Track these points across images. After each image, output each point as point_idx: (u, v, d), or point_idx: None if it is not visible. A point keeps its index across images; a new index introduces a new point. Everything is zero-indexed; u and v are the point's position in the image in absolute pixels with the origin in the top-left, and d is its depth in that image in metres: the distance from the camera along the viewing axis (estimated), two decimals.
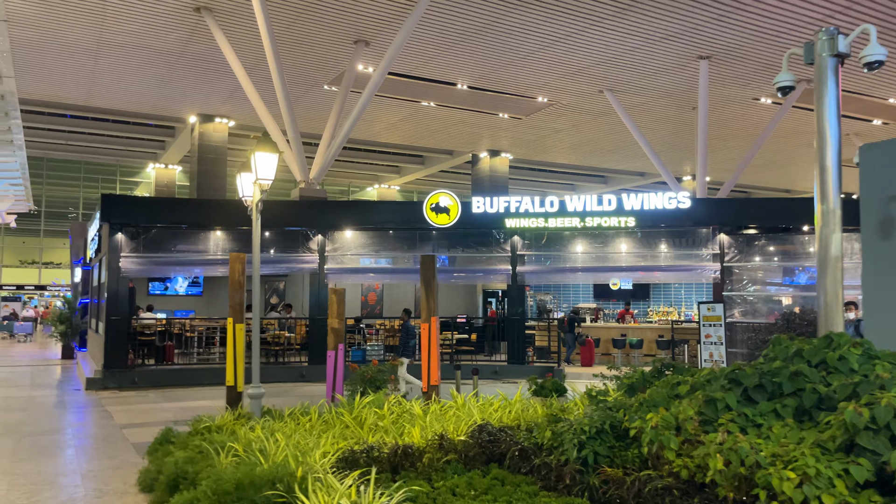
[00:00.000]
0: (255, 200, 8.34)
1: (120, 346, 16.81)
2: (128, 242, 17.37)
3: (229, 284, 8.93)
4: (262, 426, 7.05)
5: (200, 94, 22.98)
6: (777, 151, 28.11)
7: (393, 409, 7.60)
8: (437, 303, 24.46)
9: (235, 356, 8.70)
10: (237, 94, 22.36)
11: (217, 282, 27.02)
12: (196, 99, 23.48)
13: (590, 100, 22.61)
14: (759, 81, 20.74)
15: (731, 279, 17.93)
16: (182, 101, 23.74)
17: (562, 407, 6.10)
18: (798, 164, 32.38)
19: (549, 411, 5.92)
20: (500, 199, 18.57)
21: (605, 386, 8.86)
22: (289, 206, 19.09)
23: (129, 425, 11.16)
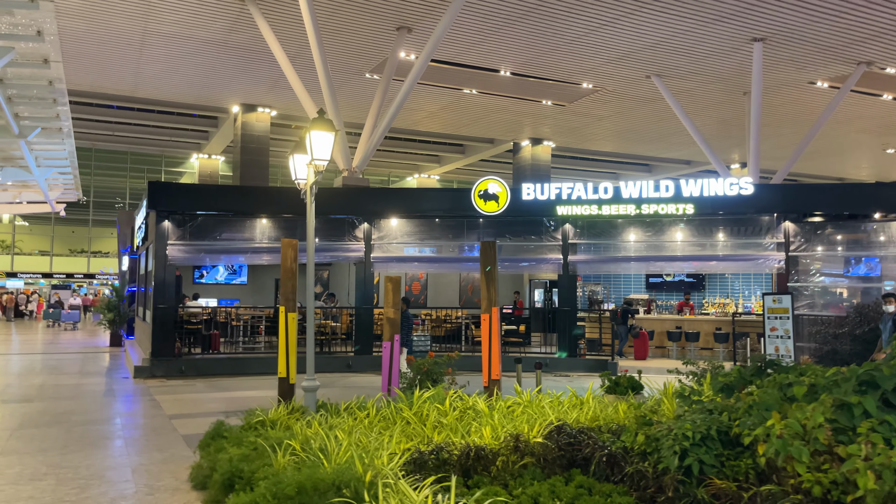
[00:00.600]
0: (310, 183, 7.93)
1: (167, 334, 16.69)
2: (174, 230, 17.22)
3: (281, 271, 8.55)
4: (318, 421, 6.64)
5: (243, 84, 22.81)
6: (830, 138, 26.84)
7: (455, 404, 7.13)
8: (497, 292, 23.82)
9: (288, 347, 8.32)
10: (279, 83, 22.13)
11: (261, 270, 26.95)
12: (239, 88, 23.34)
13: (636, 85, 21.80)
14: (815, 64, 19.68)
15: (797, 270, 17.02)
16: (225, 90, 23.62)
17: (651, 408, 5.55)
18: (852, 152, 30.97)
19: (636, 412, 5.38)
20: (551, 185, 17.94)
21: (679, 383, 8.26)
22: (335, 194, 18.74)
23: (178, 416, 10.92)
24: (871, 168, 34.34)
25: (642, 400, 7.14)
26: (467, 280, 25.16)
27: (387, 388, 8.33)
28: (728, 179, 17.16)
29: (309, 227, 8.16)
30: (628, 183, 17.69)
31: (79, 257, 55.59)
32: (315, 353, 18.40)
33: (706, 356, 19.47)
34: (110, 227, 49.13)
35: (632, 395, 7.27)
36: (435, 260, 19.60)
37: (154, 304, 16.79)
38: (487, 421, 6.16)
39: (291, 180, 8.54)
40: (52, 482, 6.84)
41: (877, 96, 21.96)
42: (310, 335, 8.09)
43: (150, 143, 34.45)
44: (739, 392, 5.12)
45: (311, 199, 7.98)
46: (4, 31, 10.50)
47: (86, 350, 22.95)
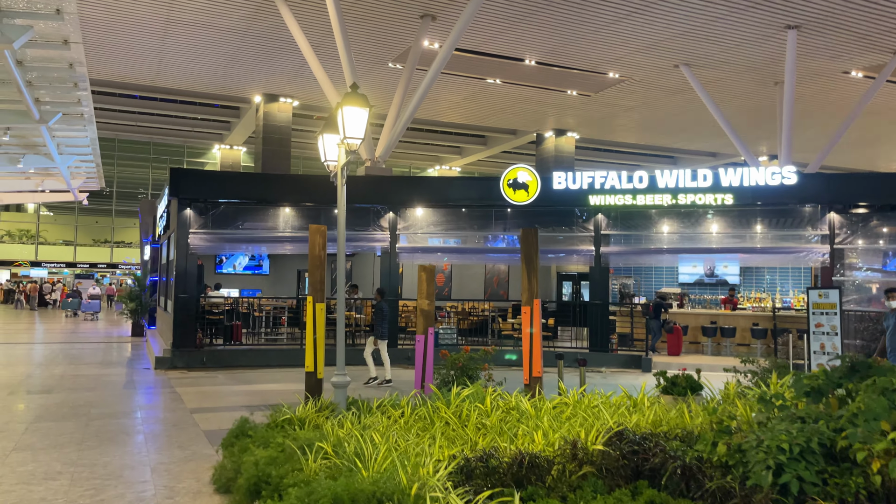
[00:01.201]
0: (341, 164, 7.41)
1: (188, 325, 16.33)
2: (196, 218, 16.83)
3: (309, 260, 8.06)
4: (350, 421, 6.14)
5: (265, 74, 22.40)
6: (862, 129, 25.88)
7: (497, 403, 6.60)
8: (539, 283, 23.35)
9: (316, 340, 7.83)
10: (301, 72, 21.71)
11: (283, 261, 26.63)
12: (261, 78, 22.93)
13: (664, 75, 21.09)
14: (850, 53, 18.85)
15: (842, 263, 16.26)
16: (247, 80, 23.22)
17: (728, 413, 4.98)
18: (884, 142, 29.95)
19: (711, 417, 4.81)
20: (584, 174, 17.31)
21: (737, 381, 7.67)
22: (360, 182, 18.24)
23: (200, 409, 10.51)
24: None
25: (702, 402, 6.56)
26: (493, 272, 24.60)
27: (420, 385, 7.81)
28: (770, 168, 16.41)
29: (340, 212, 7.65)
30: (664, 172, 17.00)
31: (102, 247, 55.80)
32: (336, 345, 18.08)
33: (742, 353, 18.81)
34: (133, 218, 49.16)
35: (691, 396, 6.69)
36: (461, 251, 19.05)
37: (175, 293, 16.43)
38: (535, 424, 5.62)
39: (313, 171, 8.10)
40: (65, 482, 6.42)
41: None
42: (340, 328, 7.59)
43: (172, 134, 34.27)
44: (831, 396, 4.53)
45: (342, 182, 7.46)
46: (23, 10, 10.10)
47: (107, 340, 22.73)
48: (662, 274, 23.19)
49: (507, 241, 19.60)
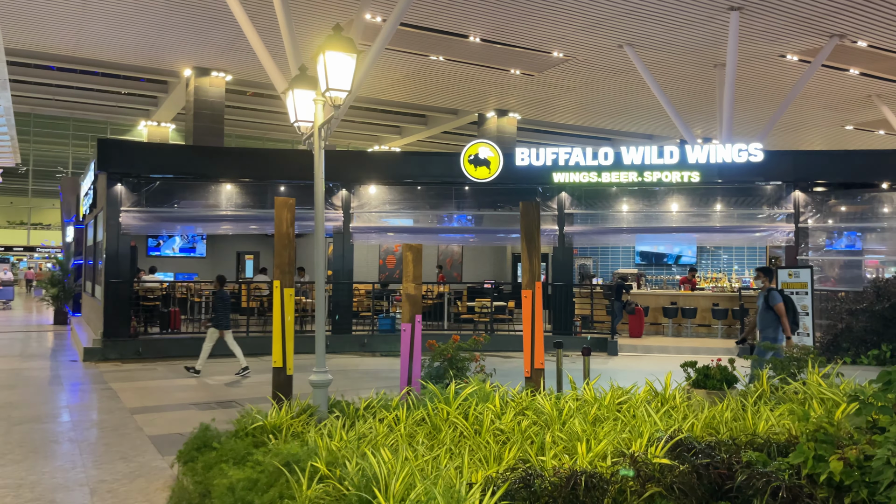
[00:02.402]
0: (318, 124, 6.32)
1: (121, 311, 14.88)
2: (128, 195, 15.30)
3: (276, 238, 6.95)
4: (341, 429, 5.13)
5: (196, 45, 20.67)
6: (793, 113, 26.06)
7: (506, 402, 5.70)
8: (495, 265, 22.36)
9: (285, 331, 6.75)
10: (236, 45, 20.16)
11: (221, 242, 25.03)
12: (191, 50, 21.17)
13: (608, 55, 20.63)
14: (788, 36, 18.72)
15: (807, 242, 16.07)
16: (176, 52, 21.41)
17: (827, 418, 4.23)
18: (811, 127, 30.41)
19: (805, 425, 4.03)
20: (548, 150, 16.57)
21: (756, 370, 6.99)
22: (310, 157, 16.98)
23: (142, 409, 9.26)
24: (825, 145, 33.95)
25: (735, 394, 5.83)
26: (445, 254, 23.73)
27: (407, 381, 6.85)
28: (736, 145, 16.03)
29: (317, 182, 6.57)
30: (630, 148, 16.42)
31: (18, 229, 52.25)
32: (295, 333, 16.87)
33: (703, 333, 18.57)
34: (52, 198, 46.01)
35: (727, 389, 5.97)
36: (420, 231, 18.05)
37: (106, 277, 14.91)
38: (565, 429, 4.76)
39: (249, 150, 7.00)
40: None
41: (843, 71, 21.28)
42: (319, 316, 6.52)
43: (94, 109, 31.80)
44: None
45: (319, 146, 6.37)
46: None
47: (26, 329, 20.83)
48: (619, 254, 22.80)
49: (460, 222, 18.74)
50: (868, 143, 31.44)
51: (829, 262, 16.91)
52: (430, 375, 7.22)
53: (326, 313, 17.49)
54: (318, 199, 6.61)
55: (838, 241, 18.47)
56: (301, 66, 6.55)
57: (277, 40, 18.53)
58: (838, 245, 18.54)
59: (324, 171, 6.57)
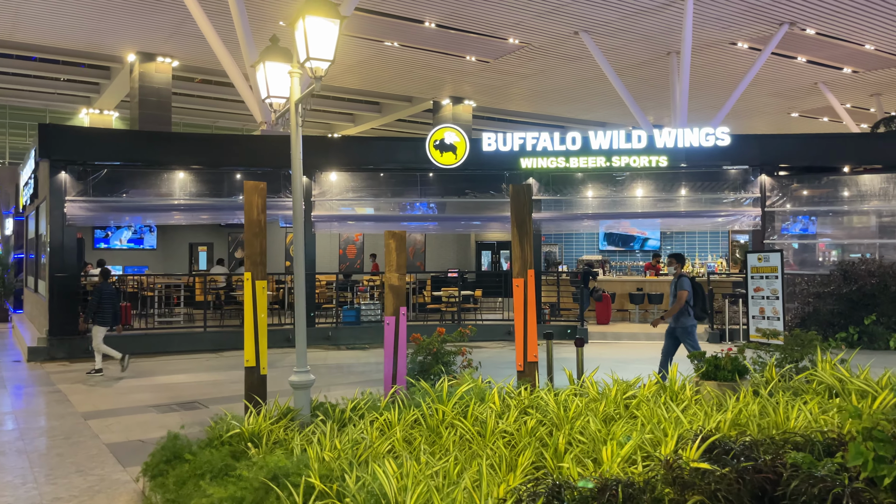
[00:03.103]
0: (295, 99, 5.75)
1: (68, 308, 13.99)
2: (73, 184, 14.38)
3: (245, 226, 6.38)
4: (328, 435, 4.63)
5: (140, 29, 19.61)
6: (741, 100, 26.37)
7: (508, 400, 5.28)
8: (459, 253, 21.75)
9: (257, 327, 6.20)
10: (182, 29, 19.22)
11: (172, 233, 24.02)
12: (135, 35, 20.08)
13: (564, 42, 20.49)
14: (739, 24, 18.83)
15: (773, 226, 16.09)
16: (119, 36, 20.29)
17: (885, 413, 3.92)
18: (758, 115, 30.93)
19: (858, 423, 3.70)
20: (515, 135, 16.20)
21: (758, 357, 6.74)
22: (268, 142, 16.28)
23: (96, 414, 8.57)
24: (771, 132, 34.60)
25: (747, 385, 5.53)
26: (408, 242, 23.20)
27: (391, 377, 6.36)
28: (703, 129, 15.93)
29: (295, 166, 5.98)
30: (598, 133, 16.16)
31: None
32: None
33: None
34: None
35: (738, 380, 5.66)
36: (384, 219, 17.49)
37: (51, 272, 13.99)
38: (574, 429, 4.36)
39: (203, 136, 6.42)
40: None
41: (791, 59, 21.54)
42: (300, 311, 5.96)
43: (32, 97, 30.12)
44: None
45: (297, 123, 5.80)
46: None
47: None
48: (583, 241, 22.63)
49: (422, 209, 18.26)
50: (812, 130, 32.04)
51: (791, 245, 17.01)
52: (414, 371, 6.76)
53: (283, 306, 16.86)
54: (297, 184, 6.06)
55: (793, 226, 18.63)
56: (272, 37, 5.96)
57: (227, 24, 17.77)
58: (793, 230, 18.71)
59: (301, 153, 5.99)
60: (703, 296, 9.56)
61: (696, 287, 9.44)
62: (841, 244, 17.01)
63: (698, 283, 9.64)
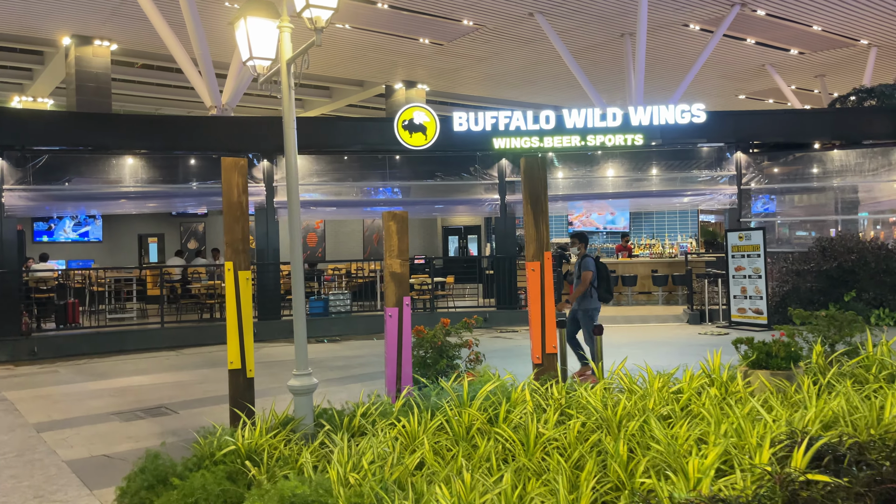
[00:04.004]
0: (287, 58, 4.95)
1: (10, 306, 12.88)
2: (12, 171, 13.19)
3: (225, 209, 5.58)
4: (349, 453, 3.93)
5: (75, 11, 18.21)
6: (692, 83, 26.40)
7: (538, 399, 4.66)
8: (425, 238, 21.06)
9: (241, 321, 5.42)
10: (121, 10, 17.94)
11: (118, 224, 22.72)
12: (70, 16, 18.64)
13: (518, 24, 19.99)
14: (692, 4, 18.61)
15: (748, 204, 15.88)
16: (53, 18, 18.81)
17: None
18: (707, 97, 31.02)
19: None
20: (487, 114, 15.56)
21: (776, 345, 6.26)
22: (227, 124, 15.28)
23: (50, 425, 7.65)
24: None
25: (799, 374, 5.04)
26: (372, 229, 22.43)
27: (395, 376, 5.67)
28: (679, 107, 15.56)
29: (288, 141, 5.21)
30: (572, 111, 15.64)
31: None
32: (204, 320, 15.21)
33: (644, 301, 18.26)
34: None
35: (795, 370, 5.16)
36: (351, 204, 16.70)
37: None
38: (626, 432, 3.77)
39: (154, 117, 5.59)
40: None
41: (741, 40, 21.55)
42: (298, 304, 5.19)
43: None
44: None
45: (289, 85, 5.01)
46: None
47: None
48: (552, 223, 22.20)
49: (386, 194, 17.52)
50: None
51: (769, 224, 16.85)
52: (417, 367, 6.09)
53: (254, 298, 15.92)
54: (290, 159, 5.29)
55: (755, 204, 18.52)
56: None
57: (172, 4, 16.68)
58: (754, 208, 18.62)
59: (294, 123, 5.22)
60: (607, 277, 9.17)
61: (600, 268, 9.11)
62: (817, 221, 16.89)
63: (602, 263, 9.26)
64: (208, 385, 9.72)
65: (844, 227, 16.35)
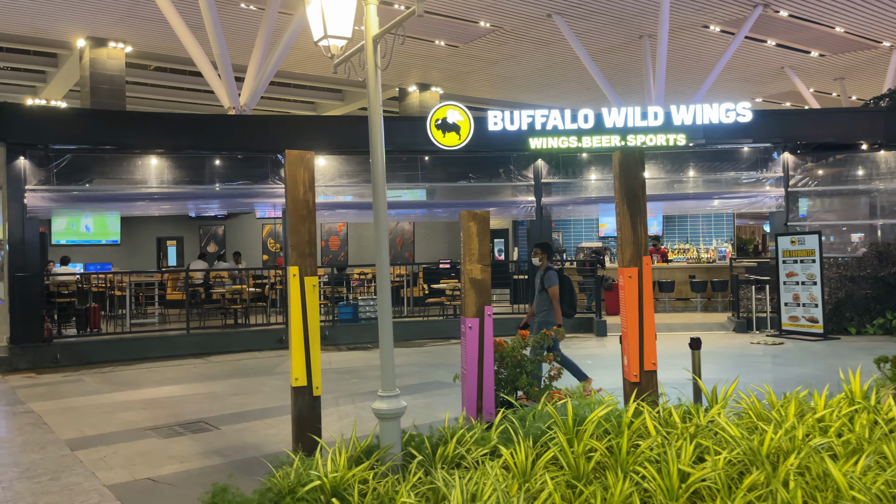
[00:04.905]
0: (372, 35, 4.37)
1: (32, 311, 12.38)
2: (35, 170, 12.70)
3: (290, 207, 5.01)
4: (461, 489, 3.34)
5: (90, 12, 17.76)
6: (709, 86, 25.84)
7: (658, 428, 4.06)
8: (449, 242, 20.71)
9: (308, 332, 4.84)
10: (135, 11, 17.49)
11: (138, 227, 22.27)
12: (85, 18, 18.19)
13: (536, 25, 19.43)
14: (714, 5, 17.98)
15: (796, 207, 15.23)
16: (68, 21, 18.36)
17: None
18: (724, 100, 30.28)
19: None
20: (523, 112, 14.97)
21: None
22: (252, 123, 14.77)
23: (83, 441, 7.09)
24: None
25: None
26: (395, 232, 21.87)
27: (476, 396, 5.07)
28: (723, 105, 14.93)
29: (373, 125, 4.64)
30: (611, 110, 15.03)
31: None
32: (229, 326, 14.67)
33: (681, 308, 17.62)
34: None
35: None
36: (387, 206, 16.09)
37: (10, 271, 12.30)
38: (782, 470, 3.18)
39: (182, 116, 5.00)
40: None
41: (762, 42, 20.90)
42: (384, 313, 4.58)
43: None
44: None
45: (375, 65, 4.45)
46: None
47: None
48: (582, 227, 21.61)
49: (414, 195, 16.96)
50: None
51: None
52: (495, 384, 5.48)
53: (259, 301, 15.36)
54: (377, 162, 4.75)
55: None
56: None
57: (189, 5, 16.24)
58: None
59: (381, 105, 4.64)
60: (570, 290, 8.51)
61: (563, 281, 8.44)
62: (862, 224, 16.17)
63: (566, 276, 8.60)
64: (244, 397, 9.17)
65: (889, 231, 15.64)
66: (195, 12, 16.09)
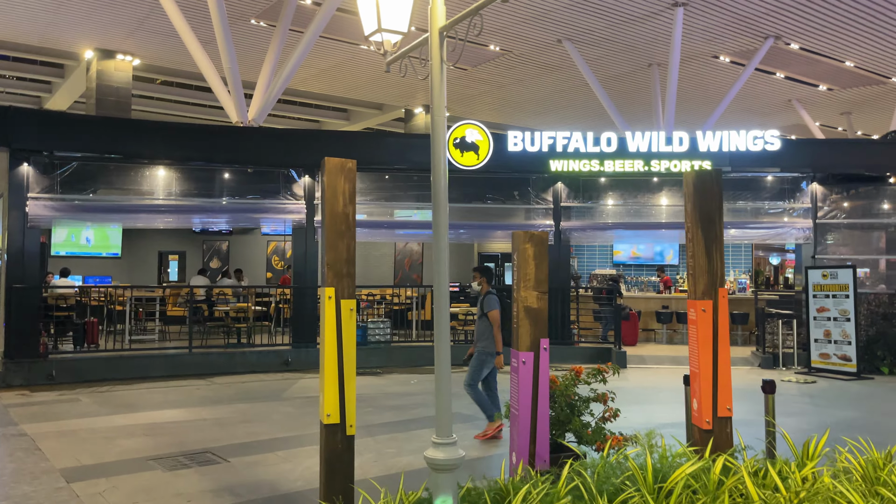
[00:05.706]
0: (438, 26, 3.87)
1: (28, 325, 11.80)
2: (38, 178, 12.18)
3: (327, 222, 4.48)
4: None
5: (99, 24, 17.40)
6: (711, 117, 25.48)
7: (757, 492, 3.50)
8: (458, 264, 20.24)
9: (343, 362, 4.29)
10: (145, 24, 17.16)
11: (139, 239, 21.70)
12: (94, 30, 17.84)
13: (545, 50, 19.11)
14: (725, 36, 17.68)
15: (823, 240, 14.73)
16: (76, 32, 18.00)
17: None
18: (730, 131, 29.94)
19: None
20: (544, 134, 14.56)
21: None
22: (267, 136, 14.30)
23: (80, 471, 6.49)
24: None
25: None
26: (403, 253, 21.33)
27: (529, 440, 4.50)
28: (751, 132, 14.56)
29: (436, 134, 4.15)
30: (635, 134, 14.63)
31: None
32: (233, 345, 14.07)
33: None
34: None
35: None
36: (389, 226, 15.63)
37: (8, 282, 11.72)
38: None
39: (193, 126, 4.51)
40: None
41: (770, 74, 20.59)
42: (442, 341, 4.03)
43: None
44: None
45: (441, 59, 3.96)
46: None
47: None
48: (595, 254, 21.11)
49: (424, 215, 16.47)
50: None
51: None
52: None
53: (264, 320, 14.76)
54: (438, 167, 4.22)
55: None
56: None
57: (199, 19, 15.90)
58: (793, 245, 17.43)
59: (445, 103, 4.14)
60: (508, 317, 8.09)
61: (504, 308, 8.12)
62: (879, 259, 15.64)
63: (507, 302, 8.14)
64: (252, 426, 8.56)
65: None
66: (206, 27, 15.75)
